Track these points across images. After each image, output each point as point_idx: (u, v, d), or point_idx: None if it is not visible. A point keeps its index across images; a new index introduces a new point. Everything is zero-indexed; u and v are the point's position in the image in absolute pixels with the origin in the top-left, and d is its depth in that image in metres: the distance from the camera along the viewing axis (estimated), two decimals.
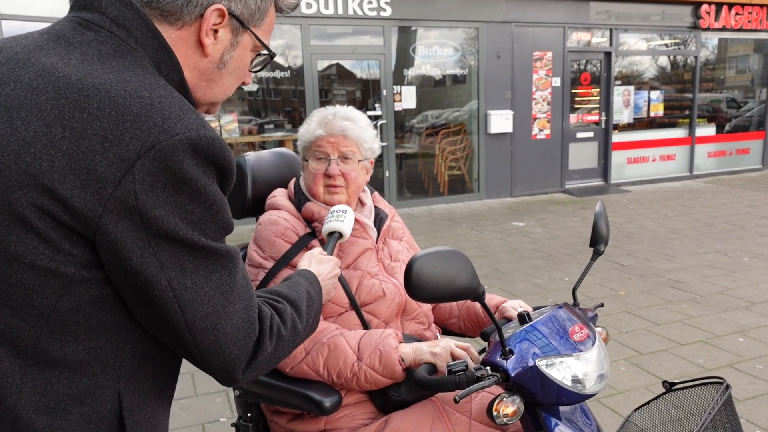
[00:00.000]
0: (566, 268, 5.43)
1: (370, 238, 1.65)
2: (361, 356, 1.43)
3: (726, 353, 3.61)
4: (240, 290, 0.87)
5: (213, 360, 0.86)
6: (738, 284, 4.88)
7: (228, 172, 0.84)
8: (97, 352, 0.80)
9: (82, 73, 0.78)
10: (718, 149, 11.04)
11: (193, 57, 0.90)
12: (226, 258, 0.85)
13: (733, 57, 11.09)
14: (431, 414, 1.44)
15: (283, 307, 0.99)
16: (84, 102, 0.75)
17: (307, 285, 1.12)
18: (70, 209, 0.73)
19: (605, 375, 1.35)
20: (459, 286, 1.19)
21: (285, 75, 7.95)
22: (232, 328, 0.86)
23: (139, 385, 0.85)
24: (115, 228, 0.75)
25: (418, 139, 8.93)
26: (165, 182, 0.76)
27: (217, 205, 0.82)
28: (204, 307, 0.82)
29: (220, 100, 0.99)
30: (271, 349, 0.92)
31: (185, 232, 0.79)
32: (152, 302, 0.80)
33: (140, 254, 0.76)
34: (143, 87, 0.79)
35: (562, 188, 9.59)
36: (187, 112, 0.80)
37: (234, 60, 0.95)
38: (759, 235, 6.48)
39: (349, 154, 1.61)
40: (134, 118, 0.75)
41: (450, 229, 7.22)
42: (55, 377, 0.78)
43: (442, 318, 1.81)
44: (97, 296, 0.79)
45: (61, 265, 0.75)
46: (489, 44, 8.71)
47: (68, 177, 0.73)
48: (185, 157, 0.77)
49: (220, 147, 0.81)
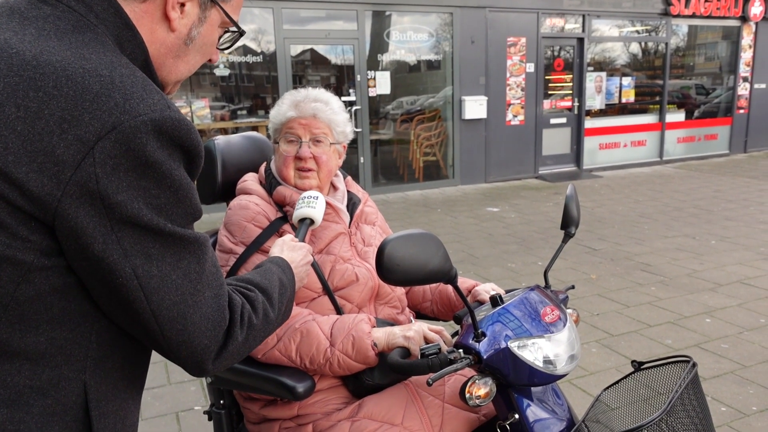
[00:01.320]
0: (539, 253, 5.49)
1: (343, 222, 1.64)
2: (333, 342, 1.42)
3: (693, 333, 3.70)
4: (209, 278, 0.85)
5: (181, 350, 0.83)
6: (705, 266, 5.00)
7: (195, 155, 0.81)
8: (61, 343, 0.77)
9: (38, 49, 0.74)
10: (687, 135, 11.25)
11: (160, 32, 0.87)
12: (194, 245, 0.82)
13: (702, 44, 11.27)
14: (405, 397, 1.44)
15: (254, 295, 0.97)
16: (39, 80, 0.71)
17: (279, 272, 1.10)
18: (27, 194, 0.70)
19: (576, 356, 1.37)
20: (431, 269, 1.19)
21: (258, 60, 7.83)
22: (201, 317, 0.83)
23: (106, 376, 0.83)
24: (76, 213, 0.72)
25: (392, 125, 8.90)
26: (128, 166, 0.73)
27: (184, 190, 0.79)
28: (171, 296, 0.80)
29: (183, 78, 0.95)
30: (242, 338, 0.90)
31: (150, 218, 0.76)
32: (116, 291, 0.77)
33: (102, 241, 0.73)
34: (103, 65, 0.75)
35: (536, 174, 9.68)
36: (151, 92, 0.77)
37: (202, 36, 0.91)
38: (725, 218, 6.64)
39: (320, 136, 1.59)
40: (94, 97, 0.72)
41: (425, 215, 7.23)
42: (16, 369, 0.75)
43: (416, 302, 1.81)
44: (59, 285, 0.76)
45: (19, 252, 0.72)
46: (463, 29, 8.70)
47: (23, 159, 0.69)
48: (149, 139, 0.74)
49: (186, 129, 0.78)
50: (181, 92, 7.52)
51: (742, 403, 2.90)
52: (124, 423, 0.87)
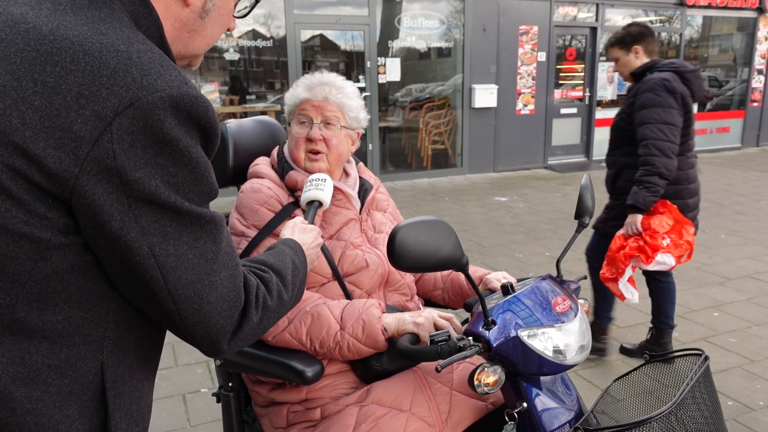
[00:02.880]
0: (547, 243, 5.47)
1: (354, 208, 1.63)
2: (344, 325, 1.42)
3: (701, 327, 3.69)
4: (225, 258, 0.84)
5: (197, 330, 0.83)
6: (714, 260, 4.96)
7: (212, 133, 0.81)
8: (78, 322, 0.77)
9: (54, 24, 0.73)
10: (699, 127, 11.13)
11: (174, 7, 0.86)
12: (210, 224, 0.82)
13: (716, 35, 11.12)
14: (413, 384, 1.44)
15: (268, 276, 0.97)
16: (56, 55, 0.71)
17: (291, 254, 1.10)
18: (44, 170, 0.69)
19: (586, 346, 1.36)
20: (443, 256, 1.18)
21: (267, 45, 7.79)
22: (217, 297, 0.83)
23: (122, 356, 0.82)
24: (93, 190, 0.71)
25: (402, 112, 8.86)
26: (145, 142, 0.72)
27: (201, 168, 0.79)
28: (188, 275, 0.79)
29: (202, 52, 0.94)
30: (257, 319, 0.90)
31: (167, 196, 0.75)
32: (133, 269, 0.76)
33: (119, 218, 0.73)
34: (120, 40, 0.74)
35: (545, 164, 9.62)
36: (168, 68, 0.76)
37: (217, 7, 0.90)
38: (736, 212, 6.58)
39: (332, 119, 1.58)
40: (111, 72, 0.71)
41: (433, 204, 7.22)
42: (34, 347, 0.75)
43: (427, 290, 1.81)
44: (76, 263, 0.75)
45: (36, 230, 0.72)
46: (475, 17, 8.61)
47: (41, 135, 0.69)
48: (167, 115, 0.73)
49: (204, 106, 0.77)
50: (191, 76, 7.50)
51: (749, 398, 2.89)
52: (139, 404, 0.87)
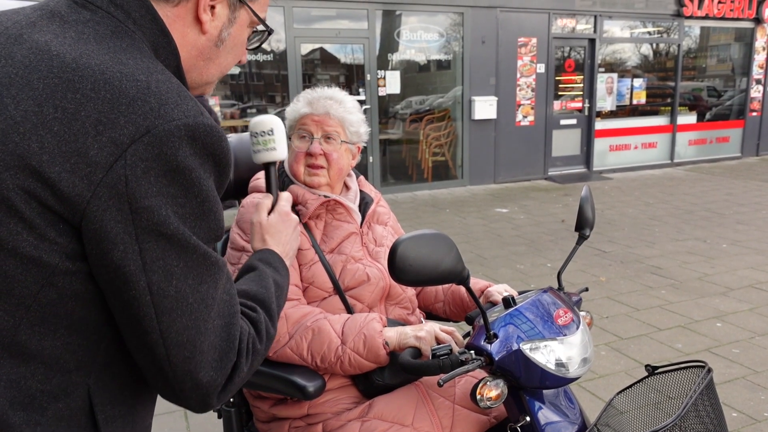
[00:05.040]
0: (548, 254, 5.47)
1: (355, 222, 1.63)
2: (345, 340, 1.42)
3: (704, 338, 3.67)
4: (222, 305, 0.82)
5: (186, 381, 0.79)
6: (716, 270, 4.95)
7: (226, 164, 0.80)
8: (74, 348, 0.77)
9: (77, 52, 0.74)
10: (699, 137, 11.16)
11: (191, 35, 0.87)
12: (214, 267, 0.80)
13: (714, 46, 11.18)
14: (415, 398, 1.43)
15: (257, 316, 0.92)
16: (78, 82, 0.72)
17: (273, 273, 1.04)
18: (58, 193, 0.70)
19: (589, 359, 1.36)
20: (444, 269, 1.18)
21: (268, 59, 7.84)
22: (210, 346, 0.79)
23: (110, 381, 0.81)
24: (102, 216, 0.71)
25: (402, 124, 8.89)
26: (158, 170, 0.72)
27: (210, 203, 0.78)
28: (183, 319, 0.77)
29: (215, 80, 0.95)
30: (247, 368, 0.86)
31: (176, 227, 0.74)
32: (128, 304, 0.74)
33: (123, 248, 0.72)
34: (140, 70, 0.76)
35: (545, 175, 9.64)
36: (185, 98, 0.77)
37: (232, 37, 0.91)
38: (737, 222, 6.58)
39: (332, 134, 1.59)
40: (130, 101, 0.72)
41: (433, 215, 7.22)
42: (30, 372, 0.75)
43: (428, 302, 1.80)
44: (80, 290, 0.75)
45: (45, 254, 0.72)
46: (474, 30, 8.67)
47: (58, 159, 0.70)
48: (181, 144, 0.73)
49: (218, 136, 0.78)
50: None
51: (753, 409, 2.87)
52: (134, 428, 0.85)
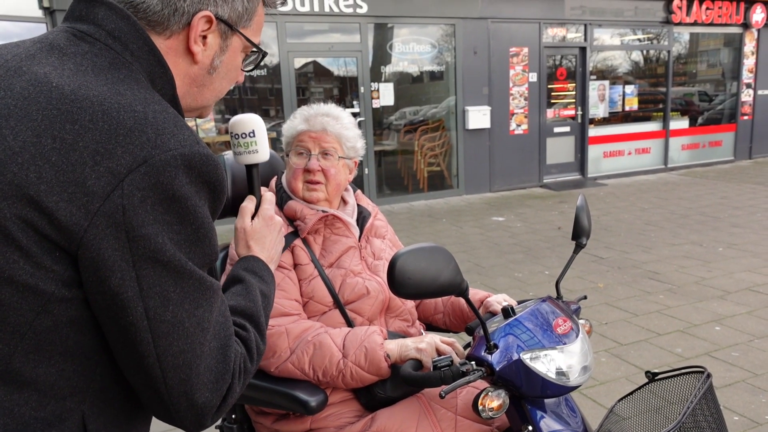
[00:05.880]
0: (546, 262, 5.48)
1: (353, 236, 1.64)
2: (346, 353, 1.42)
3: (703, 342, 3.68)
4: (217, 328, 0.83)
5: (181, 402, 0.80)
6: (713, 274, 4.97)
7: (220, 191, 0.82)
8: (69, 375, 0.77)
9: (76, 84, 0.76)
10: (692, 142, 11.24)
11: (183, 65, 0.89)
12: (209, 291, 0.81)
13: (704, 51, 11.29)
14: (417, 410, 1.44)
15: (247, 335, 0.93)
16: (76, 113, 0.73)
17: (259, 284, 1.04)
18: (55, 222, 0.71)
19: (589, 367, 1.36)
20: (443, 282, 1.19)
21: (261, 73, 7.87)
22: (206, 368, 0.81)
23: (105, 407, 0.82)
24: (99, 244, 0.72)
25: (396, 136, 8.93)
26: (155, 199, 0.73)
27: (205, 229, 0.79)
28: (180, 343, 0.78)
29: (211, 104, 0.97)
30: (239, 388, 0.88)
31: (172, 254, 0.75)
32: (125, 329, 0.76)
33: (120, 276, 0.73)
34: (138, 101, 0.77)
35: (540, 183, 9.67)
36: (182, 128, 0.78)
37: (225, 64, 0.93)
38: (732, 225, 6.61)
39: (330, 150, 1.60)
40: (127, 132, 0.73)
41: (430, 225, 7.23)
42: (24, 400, 0.75)
43: (428, 314, 1.81)
44: (76, 317, 0.75)
45: (41, 282, 0.72)
46: (465, 40, 8.74)
47: (55, 189, 0.71)
48: (178, 173, 0.75)
49: (213, 165, 0.79)
50: None
51: (754, 412, 2.88)
52: None
